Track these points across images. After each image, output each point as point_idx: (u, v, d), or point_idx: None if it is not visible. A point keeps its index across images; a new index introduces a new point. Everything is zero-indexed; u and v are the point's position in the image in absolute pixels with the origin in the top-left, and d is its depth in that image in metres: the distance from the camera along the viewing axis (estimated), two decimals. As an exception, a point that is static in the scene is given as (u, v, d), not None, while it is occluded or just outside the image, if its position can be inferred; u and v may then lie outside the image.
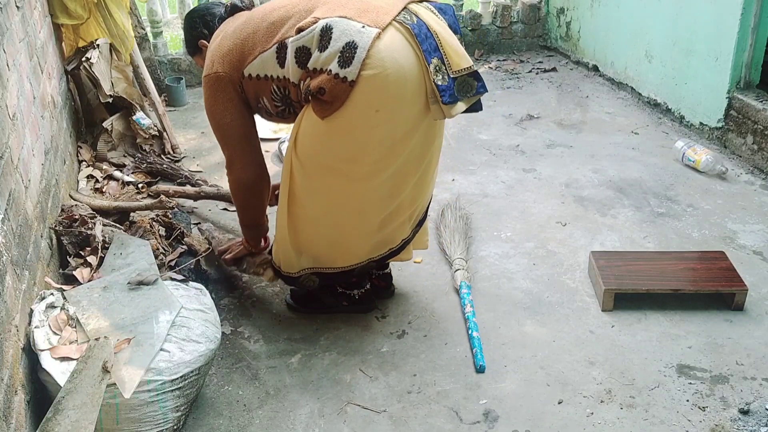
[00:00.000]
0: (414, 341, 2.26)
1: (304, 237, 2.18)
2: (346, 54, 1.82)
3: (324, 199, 2.09)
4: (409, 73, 1.87)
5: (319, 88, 1.84)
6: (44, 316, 1.81)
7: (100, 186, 3.12)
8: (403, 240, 2.27)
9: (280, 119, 2.15)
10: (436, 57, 1.91)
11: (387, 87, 1.86)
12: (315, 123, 1.92)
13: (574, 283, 2.53)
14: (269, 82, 2.02)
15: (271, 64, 1.99)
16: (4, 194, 1.76)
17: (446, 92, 1.92)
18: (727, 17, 3.34)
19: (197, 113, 4.15)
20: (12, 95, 2.06)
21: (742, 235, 2.79)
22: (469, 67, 1.95)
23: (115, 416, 1.69)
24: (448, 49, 1.93)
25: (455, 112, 1.95)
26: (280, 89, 2.02)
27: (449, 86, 1.92)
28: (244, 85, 2.06)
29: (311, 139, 1.98)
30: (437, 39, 1.92)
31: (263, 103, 2.09)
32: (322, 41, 1.85)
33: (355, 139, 1.94)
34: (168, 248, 2.47)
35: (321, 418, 1.97)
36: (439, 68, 1.91)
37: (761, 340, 2.22)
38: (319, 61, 1.85)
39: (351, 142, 1.95)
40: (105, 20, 3.36)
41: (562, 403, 2.00)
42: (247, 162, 2.16)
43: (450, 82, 1.93)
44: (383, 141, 1.95)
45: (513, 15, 5.12)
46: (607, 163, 3.43)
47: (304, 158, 2.03)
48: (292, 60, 1.91)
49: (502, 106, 4.19)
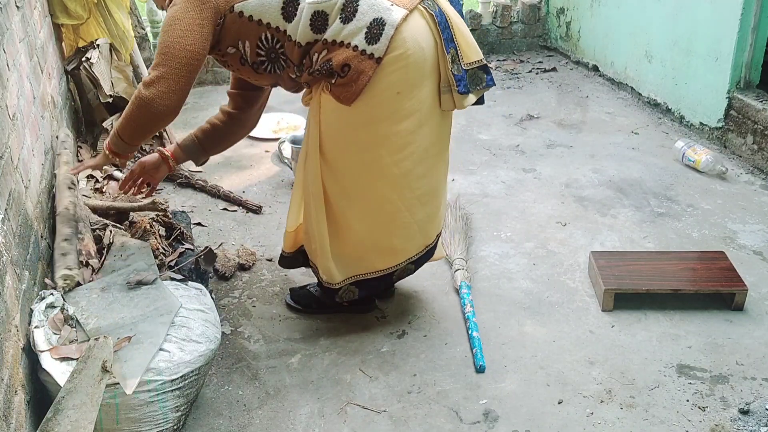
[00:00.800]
0: (414, 341, 2.26)
1: (349, 243, 2.12)
2: (373, 30, 1.80)
3: (361, 198, 2.06)
4: (429, 58, 1.89)
5: (343, 65, 1.81)
6: (44, 316, 1.81)
7: (100, 186, 3.12)
8: (437, 234, 2.26)
9: (250, 72, 2.02)
10: (452, 47, 1.92)
11: (407, 69, 1.86)
12: (339, 115, 1.91)
13: (574, 283, 2.53)
14: (262, 28, 1.90)
15: (273, 12, 1.87)
16: (4, 194, 1.76)
17: (461, 82, 1.93)
18: (727, 17, 3.34)
19: (197, 113, 4.15)
20: (12, 95, 2.06)
21: (742, 235, 2.79)
22: (480, 60, 1.97)
23: (115, 416, 1.69)
24: (462, 41, 1.94)
25: (467, 103, 1.97)
26: (271, 40, 1.91)
27: (463, 77, 1.93)
28: (226, 20, 1.89)
29: (337, 134, 1.96)
30: (453, 30, 1.93)
31: (241, 47, 1.94)
32: (345, 12, 1.82)
33: (381, 124, 1.93)
34: (168, 248, 2.47)
35: (321, 418, 1.97)
36: (455, 59, 1.92)
37: (761, 340, 2.22)
38: (342, 34, 1.82)
39: (378, 127, 1.93)
40: (105, 20, 3.36)
41: (562, 403, 2.00)
42: (174, 89, 1.88)
43: (463, 73, 1.94)
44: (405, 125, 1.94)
45: (513, 15, 5.12)
46: (607, 163, 3.43)
47: (333, 159, 1.99)
48: (306, 22, 1.84)
49: (502, 106, 4.19)
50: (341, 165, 2.01)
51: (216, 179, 3.34)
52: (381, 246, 2.14)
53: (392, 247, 2.16)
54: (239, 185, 3.28)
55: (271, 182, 3.27)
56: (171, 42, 1.86)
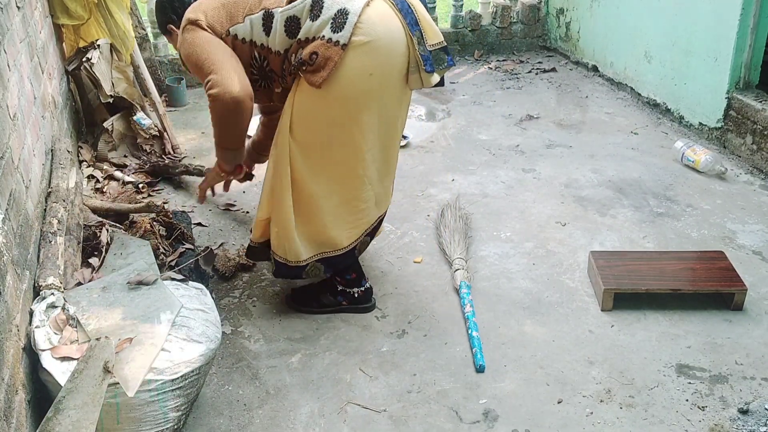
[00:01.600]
0: (414, 341, 2.27)
1: (314, 220, 2.20)
2: (338, 20, 1.91)
3: (328, 173, 2.14)
4: (398, 40, 1.99)
5: (311, 53, 1.93)
6: (45, 316, 1.81)
7: (100, 186, 3.12)
8: (387, 205, 2.42)
9: None
10: (417, 30, 2.03)
11: (378, 51, 1.96)
12: (311, 96, 2.00)
13: (574, 282, 2.53)
14: (252, 48, 2.08)
15: (257, 31, 2.05)
16: (5, 194, 1.77)
17: (427, 62, 2.05)
18: (726, 18, 3.35)
19: (198, 113, 4.16)
20: (13, 95, 2.06)
21: (741, 235, 2.80)
22: (441, 42, 2.09)
23: (116, 416, 1.69)
24: (425, 24, 2.05)
25: (433, 81, 2.09)
26: (260, 58, 2.08)
27: (428, 57, 2.05)
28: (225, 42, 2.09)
29: (308, 114, 2.05)
30: (416, 14, 2.03)
31: None
32: (314, 11, 1.94)
33: (353, 101, 2.02)
34: (168, 248, 2.48)
35: (321, 418, 1.97)
36: (420, 41, 2.03)
37: (760, 340, 2.23)
38: (312, 30, 1.95)
39: (348, 106, 2.02)
40: (105, 20, 3.36)
41: (562, 402, 2.00)
42: (231, 74, 2.02)
43: (428, 54, 2.05)
44: (375, 105, 2.05)
45: (513, 15, 5.12)
46: (606, 163, 3.43)
47: (302, 138, 2.08)
48: (281, 29, 1.99)
49: (501, 106, 4.20)
50: (311, 140, 2.09)
51: (216, 179, 3.35)
52: (344, 221, 2.23)
53: (355, 221, 2.25)
54: (239, 185, 3.28)
55: (271, 182, 3.27)
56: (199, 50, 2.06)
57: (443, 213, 2.89)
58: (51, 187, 2.39)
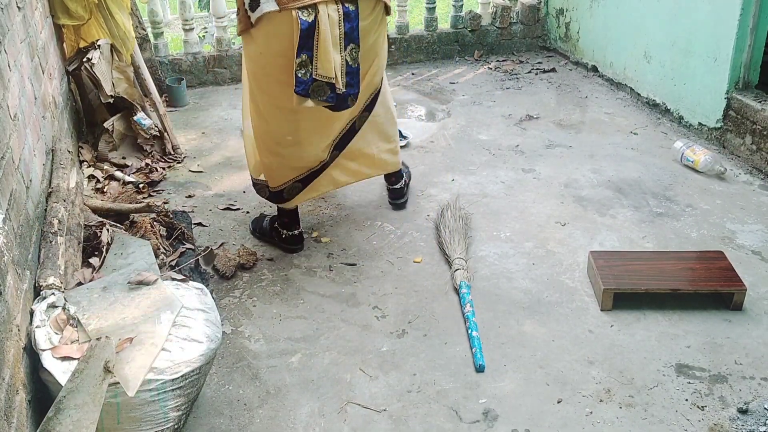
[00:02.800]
0: (414, 341, 2.27)
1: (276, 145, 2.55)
2: (252, 4, 2.25)
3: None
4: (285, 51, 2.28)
5: (238, 7, 2.33)
6: (45, 316, 1.81)
7: (101, 186, 3.13)
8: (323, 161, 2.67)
9: None
10: (305, 54, 2.25)
11: (268, 45, 2.31)
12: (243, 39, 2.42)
13: (573, 282, 2.54)
14: None
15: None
16: (6, 194, 1.77)
17: (300, 85, 2.28)
18: (725, 18, 3.35)
19: (198, 113, 4.16)
20: (13, 95, 2.07)
21: (740, 235, 2.80)
22: (329, 77, 2.29)
23: (116, 415, 1.70)
24: (321, 53, 2.25)
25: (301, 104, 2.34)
26: None
27: (303, 81, 2.28)
28: None
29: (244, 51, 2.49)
30: (316, 40, 2.24)
31: None
32: None
33: (250, 62, 2.44)
34: (169, 248, 2.48)
35: (321, 418, 1.97)
36: (305, 64, 2.26)
37: (760, 340, 2.23)
38: None
39: (248, 61, 2.46)
40: (106, 21, 3.36)
41: (562, 402, 2.01)
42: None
43: (309, 80, 2.28)
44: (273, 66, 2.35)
45: (512, 16, 5.12)
46: (606, 164, 3.44)
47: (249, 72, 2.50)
48: None
49: (501, 106, 4.20)
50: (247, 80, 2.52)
51: (216, 179, 3.35)
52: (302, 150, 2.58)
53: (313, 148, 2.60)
54: (239, 185, 3.29)
55: (271, 182, 3.27)
56: None
57: (443, 213, 2.89)
58: (51, 187, 2.39)
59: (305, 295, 2.51)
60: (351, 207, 3.08)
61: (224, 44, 4.59)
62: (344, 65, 2.33)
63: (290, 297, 2.50)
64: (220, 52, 4.58)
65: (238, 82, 4.60)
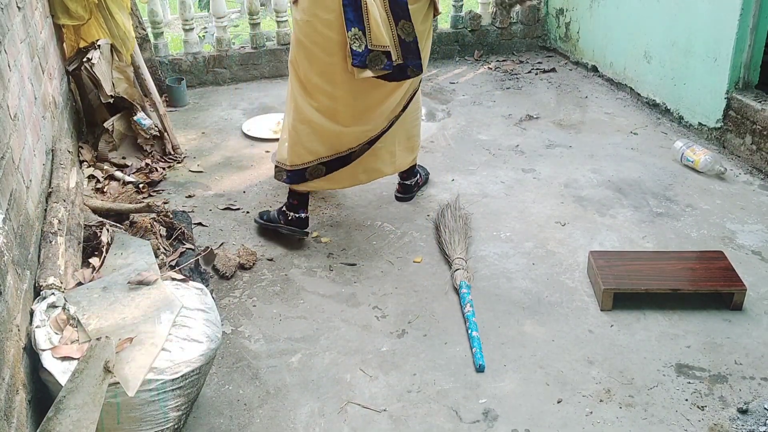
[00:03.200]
0: (414, 341, 2.27)
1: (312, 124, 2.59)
2: None
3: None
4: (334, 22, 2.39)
5: None
6: (45, 316, 1.81)
7: (101, 186, 3.13)
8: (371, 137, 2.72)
9: None
10: (356, 28, 2.33)
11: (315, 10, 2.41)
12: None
13: (573, 282, 2.54)
14: None
15: None
16: (6, 194, 1.77)
17: (356, 57, 2.36)
18: (726, 18, 3.35)
19: (198, 113, 4.16)
20: (13, 95, 2.07)
21: (740, 235, 2.80)
22: (385, 46, 2.38)
23: (116, 415, 1.70)
24: (374, 24, 2.34)
25: (363, 75, 2.40)
26: None
27: (359, 54, 2.36)
28: None
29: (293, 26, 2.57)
30: (366, 13, 2.32)
31: None
32: None
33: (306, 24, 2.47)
34: (169, 248, 2.48)
35: (321, 418, 1.97)
36: (359, 37, 2.35)
37: (760, 340, 2.23)
38: None
39: (303, 25, 2.48)
40: (106, 21, 3.37)
41: (562, 402, 2.01)
42: None
43: (365, 51, 2.36)
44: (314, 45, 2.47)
45: (512, 16, 5.12)
46: (606, 164, 3.44)
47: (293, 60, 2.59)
48: None
49: (501, 106, 4.20)
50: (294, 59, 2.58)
51: (216, 179, 3.35)
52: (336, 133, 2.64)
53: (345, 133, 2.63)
54: (239, 185, 3.29)
55: (271, 182, 3.27)
56: None
57: (443, 213, 2.89)
58: (51, 187, 2.39)
59: (305, 295, 2.51)
60: (351, 207, 3.08)
61: (224, 44, 4.59)
62: (397, 38, 2.43)
63: (290, 297, 2.50)
64: (220, 52, 4.58)
65: (238, 82, 4.60)
